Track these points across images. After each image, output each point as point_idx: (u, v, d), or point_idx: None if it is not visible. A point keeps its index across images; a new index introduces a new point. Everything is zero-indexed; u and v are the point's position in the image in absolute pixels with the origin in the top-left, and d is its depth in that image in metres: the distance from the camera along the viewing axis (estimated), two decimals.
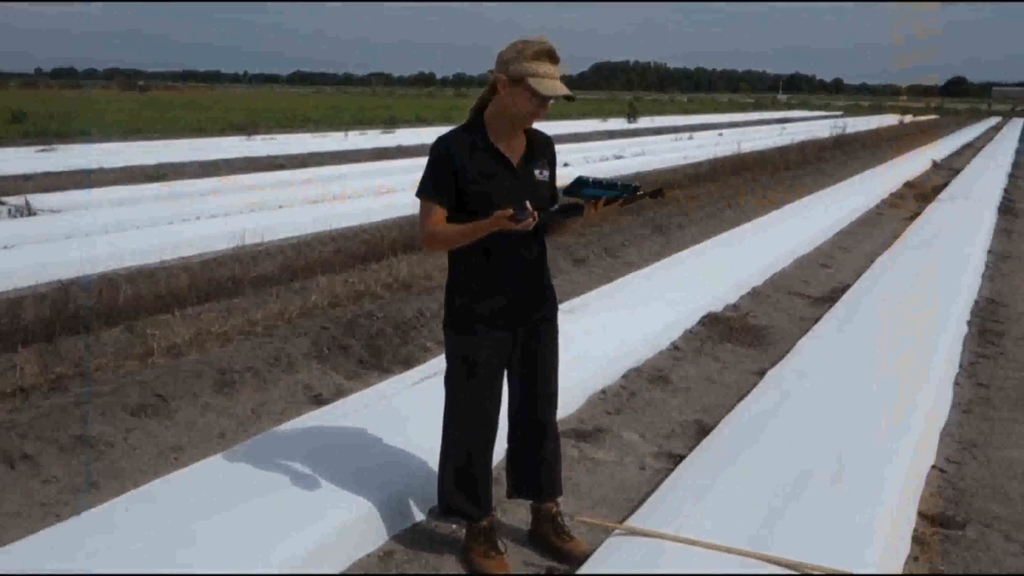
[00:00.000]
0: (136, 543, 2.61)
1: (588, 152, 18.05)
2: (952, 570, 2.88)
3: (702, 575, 2.56)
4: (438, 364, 2.83)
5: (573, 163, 14.88)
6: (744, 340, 5.42)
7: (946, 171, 17.05)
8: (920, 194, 13.16)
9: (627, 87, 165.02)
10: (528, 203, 2.43)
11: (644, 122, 33.66)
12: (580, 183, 2.57)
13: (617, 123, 32.27)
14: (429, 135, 3.02)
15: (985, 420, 4.22)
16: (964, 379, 4.78)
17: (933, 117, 51.62)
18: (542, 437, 2.88)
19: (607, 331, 5.01)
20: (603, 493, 3.37)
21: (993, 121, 47.93)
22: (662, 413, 4.23)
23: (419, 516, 3.08)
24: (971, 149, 24.01)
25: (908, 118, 45.28)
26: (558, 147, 2.86)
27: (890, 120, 42.31)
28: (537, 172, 2.68)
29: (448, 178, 2.57)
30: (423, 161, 2.67)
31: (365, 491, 2.98)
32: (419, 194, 2.62)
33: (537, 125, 2.70)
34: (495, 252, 2.62)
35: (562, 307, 5.36)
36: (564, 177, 2.69)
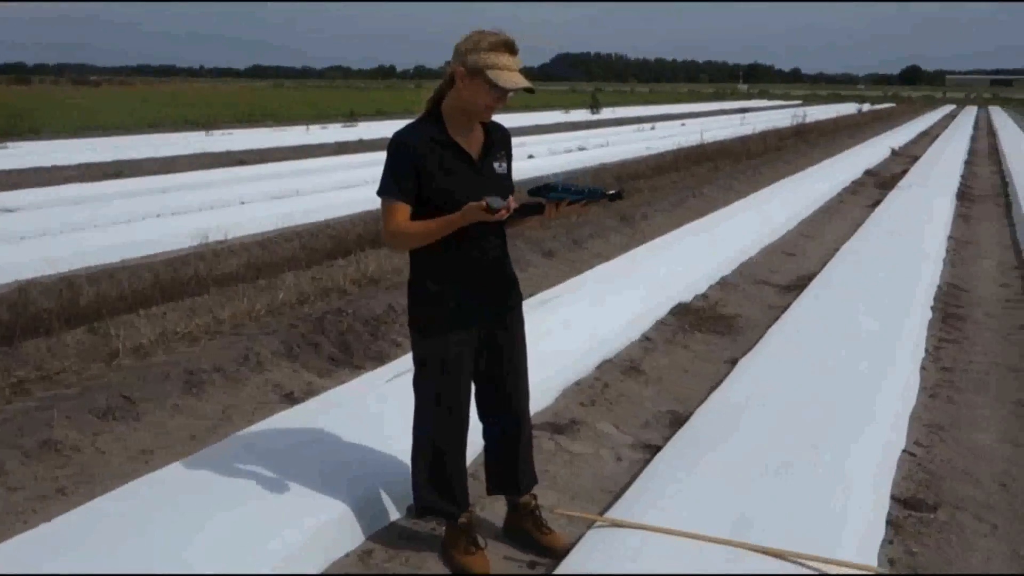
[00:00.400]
0: (103, 555, 2.55)
1: (552, 144, 18.02)
2: (925, 552, 2.92)
3: (685, 572, 2.57)
4: (410, 360, 2.79)
5: (538, 155, 14.80)
6: (715, 329, 5.46)
7: (905, 158, 17.35)
8: (880, 182, 13.38)
9: (589, 78, 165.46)
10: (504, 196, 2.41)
11: (607, 113, 33.76)
12: (548, 188, 2.53)
13: (580, 114, 32.33)
14: (390, 128, 3.00)
15: (951, 403, 4.30)
16: (929, 363, 4.87)
17: (890, 106, 52.55)
18: (517, 430, 2.85)
19: (579, 323, 5.01)
20: (581, 485, 3.37)
21: (948, 109, 48.94)
22: (636, 404, 4.24)
23: (396, 514, 3.05)
24: (928, 137, 24.47)
25: (866, 107, 46.02)
26: (522, 139, 2.84)
27: (848, 109, 42.97)
28: (496, 165, 2.64)
29: (410, 174, 2.50)
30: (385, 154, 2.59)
31: (341, 490, 2.94)
32: (381, 193, 2.53)
33: (501, 116, 2.65)
34: (457, 248, 2.56)
35: (533, 300, 5.41)
36: (529, 171, 2.67)
